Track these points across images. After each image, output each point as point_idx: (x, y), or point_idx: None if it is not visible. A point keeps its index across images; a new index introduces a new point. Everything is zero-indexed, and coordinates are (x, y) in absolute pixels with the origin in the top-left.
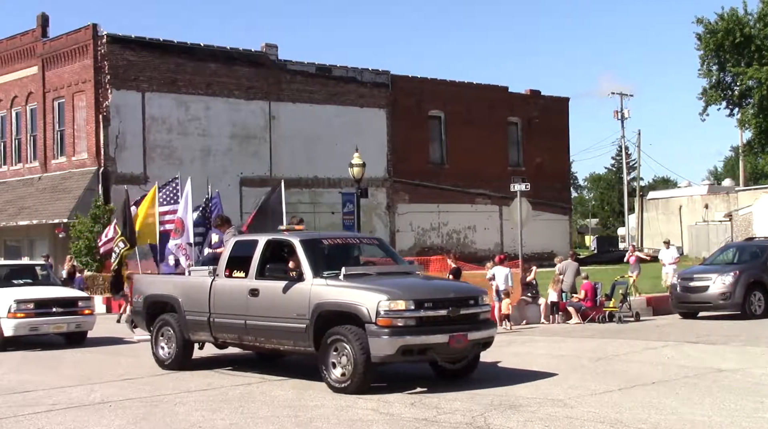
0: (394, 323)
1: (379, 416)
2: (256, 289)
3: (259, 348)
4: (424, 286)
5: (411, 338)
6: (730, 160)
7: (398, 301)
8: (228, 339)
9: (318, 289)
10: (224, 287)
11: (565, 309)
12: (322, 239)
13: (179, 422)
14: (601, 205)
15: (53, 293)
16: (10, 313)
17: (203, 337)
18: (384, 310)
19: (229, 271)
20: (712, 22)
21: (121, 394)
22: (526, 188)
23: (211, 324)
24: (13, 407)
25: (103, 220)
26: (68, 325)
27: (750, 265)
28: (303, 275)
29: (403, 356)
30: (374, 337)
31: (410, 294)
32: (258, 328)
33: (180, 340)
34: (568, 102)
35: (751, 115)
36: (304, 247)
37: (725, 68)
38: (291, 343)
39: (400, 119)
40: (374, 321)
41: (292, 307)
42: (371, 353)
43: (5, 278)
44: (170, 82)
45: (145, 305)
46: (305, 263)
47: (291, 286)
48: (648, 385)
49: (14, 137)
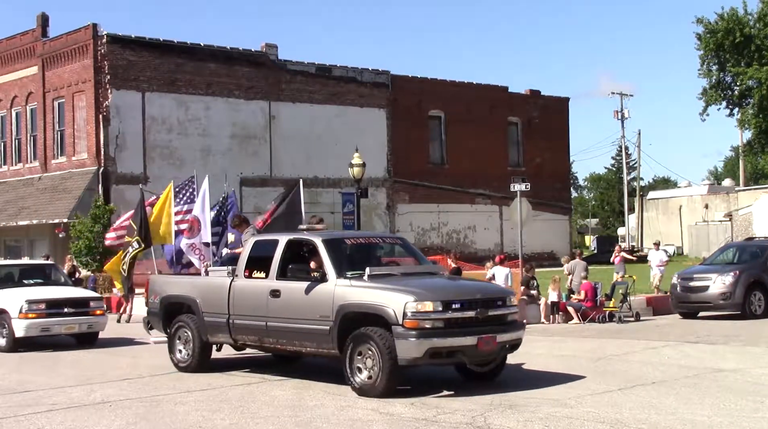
0: (421, 325)
1: (379, 416)
2: (278, 290)
3: (280, 350)
4: (452, 286)
5: (439, 340)
6: (730, 160)
7: (425, 302)
8: (248, 341)
9: (342, 290)
10: (244, 288)
11: (565, 309)
12: (344, 239)
13: (179, 422)
14: (601, 205)
15: (65, 293)
16: (22, 313)
17: (222, 339)
18: (411, 311)
19: (248, 271)
20: (712, 22)
21: (121, 394)
22: (526, 188)
23: (231, 325)
24: (13, 407)
25: (103, 220)
26: (80, 326)
27: (750, 265)
28: (326, 276)
29: (431, 359)
30: (401, 340)
31: (438, 295)
32: (279, 329)
33: (198, 342)
34: (568, 102)
35: (751, 115)
36: (327, 246)
37: (725, 68)
38: (314, 346)
39: (400, 119)
40: (401, 323)
41: (315, 308)
42: (398, 356)
43: (16, 278)
44: (170, 82)
45: (162, 306)
46: (328, 263)
47: (314, 286)
48: (648, 385)
49: (14, 137)
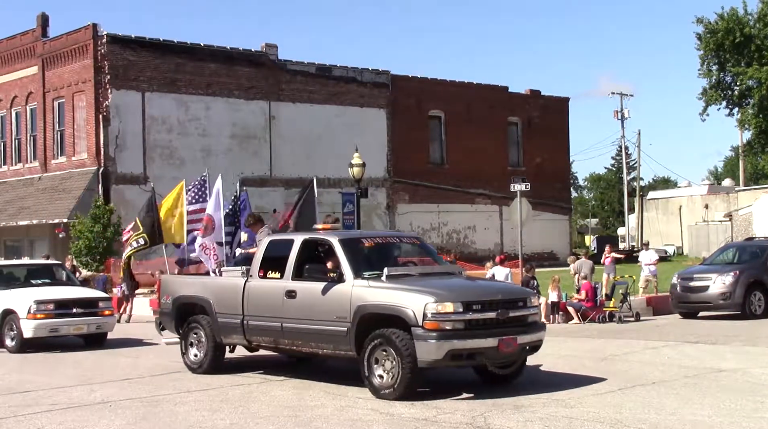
0: (441, 326)
1: (380, 416)
2: (293, 291)
3: (295, 352)
4: (472, 287)
5: (459, 342)
6: (730, 160)
7: (446, 303)
8: (263, 342)
9: (359, 290)
10: (259, 288)
11: (565, 309)
12: (361, 238)
13: (179, 422)
14: (601, 205)
15: (73, 293)
16: (30, 313)
17: (236, 340)
18: (431, 312)
19: (263, 271)
20: (712, 21)
21: (121, 394)
22: (526, 188)
23: (245, 327)
24: (13, 407)
25: (102, 220)
26: (88, 327)
27: (750, 265)
28: (343, 276)
29: (451, 361)
30: (421, 341)
31: (458, 296)
32: (295, 331)
33: (212, 343)
34: (568, 102)
35: (751, 115)
36: (344, 246)
37: (725, 68)
38: (330, 347)
39: (400, 119)
40: (421, 324)
41: (332, 309)
42: (418, 358)
43: (24, 278)
44: (170, 82)
45: (175, 307)
46: (345, 263)
47: (330, 287)
48: (648, 385)
49: (14, 137)
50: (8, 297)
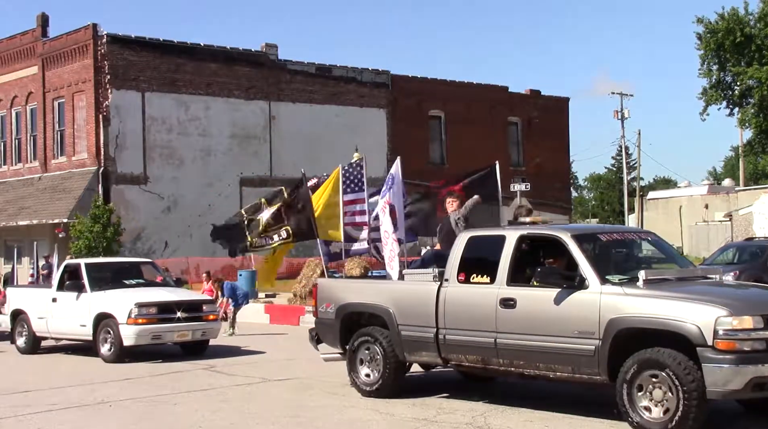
0: (739, 347)
1: (380, 416)
2: (512, 299)
3: (512, 374)
4: (758, 296)
5: (765, 368)
6: (730, 160)
7: (743, 317)
8: (466, 360)
9: (611, 299)
10: (461, 295)
11: None
12: (597, 234)
13: (179, 422)
14: (601, 205)
15: (176, 295)
16: (131, 318)
17: (426, 358)
18: (725, 328)
19: (463, 274)
20: (712, 21)
21: (121, 394)
22: (526, 188)
23: (440, 342)
24: (13, 407)
25: (102, 220)
26: (193, 333)
27: (750, 265)
28: (585, 281)
29: (752, 392)
30: (711, 365)
31: (755, 307)
32: (516, 348)
33: (392, 360)
34: (568, 102)
35: (751, 114)
36: (580, 244)
37: (725, 68)
38: (569, 370)
39: (400, 119)
40: (710, 344)
41: (571, 322)
42: (707, 387)
43: (112, 278)
44: (170, 82)
45: (339, 317)
46: (586, 266)
47: (567, 295)
48: None
49: (14, 137)
50: (103, 299)
